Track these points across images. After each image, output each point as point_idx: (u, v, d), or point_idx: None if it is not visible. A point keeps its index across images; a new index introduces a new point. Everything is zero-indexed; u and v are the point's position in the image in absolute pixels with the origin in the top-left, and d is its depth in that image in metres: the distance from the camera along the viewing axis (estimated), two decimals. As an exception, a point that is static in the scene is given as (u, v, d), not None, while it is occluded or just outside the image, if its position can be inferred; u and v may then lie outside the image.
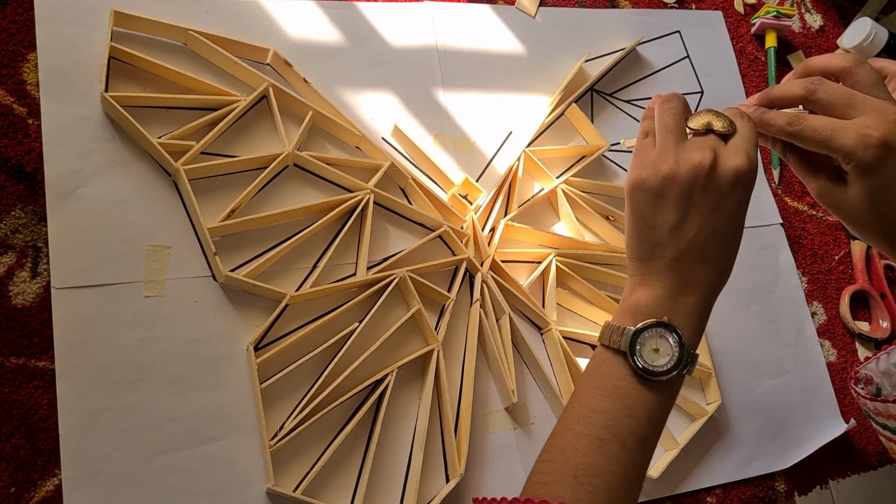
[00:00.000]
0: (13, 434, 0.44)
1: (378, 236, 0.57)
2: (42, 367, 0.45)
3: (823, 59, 0.46)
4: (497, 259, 0.59)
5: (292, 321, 0.52)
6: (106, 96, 0.50)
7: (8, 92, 0.49)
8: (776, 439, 0.64)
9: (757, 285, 0.69)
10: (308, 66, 0.58)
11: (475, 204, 0.61)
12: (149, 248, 0.50)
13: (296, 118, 0.57)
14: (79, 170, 0.49)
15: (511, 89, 0.66)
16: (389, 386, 0.52)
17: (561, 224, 0.64)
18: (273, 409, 0.49)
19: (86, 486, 0.44)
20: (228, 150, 0.54)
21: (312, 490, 0.48)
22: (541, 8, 0.70)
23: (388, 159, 0.58)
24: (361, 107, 0.60)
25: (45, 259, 0.47)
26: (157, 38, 0.55)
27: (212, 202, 0.52)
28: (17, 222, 0.47)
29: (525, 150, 0.63)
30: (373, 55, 0.62)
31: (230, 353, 0.50)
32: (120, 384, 0.47)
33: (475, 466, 0.54)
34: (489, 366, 0.57)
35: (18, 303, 0.46)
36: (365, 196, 0.56)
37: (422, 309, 0.54)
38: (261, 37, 0.58)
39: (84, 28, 0.52)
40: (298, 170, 0.56)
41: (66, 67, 0.51)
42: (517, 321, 0.58)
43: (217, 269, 0.50)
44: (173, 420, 0.47)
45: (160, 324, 0.49)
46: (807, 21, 0.84)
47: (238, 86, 0.56)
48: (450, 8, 0.66)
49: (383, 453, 0.52)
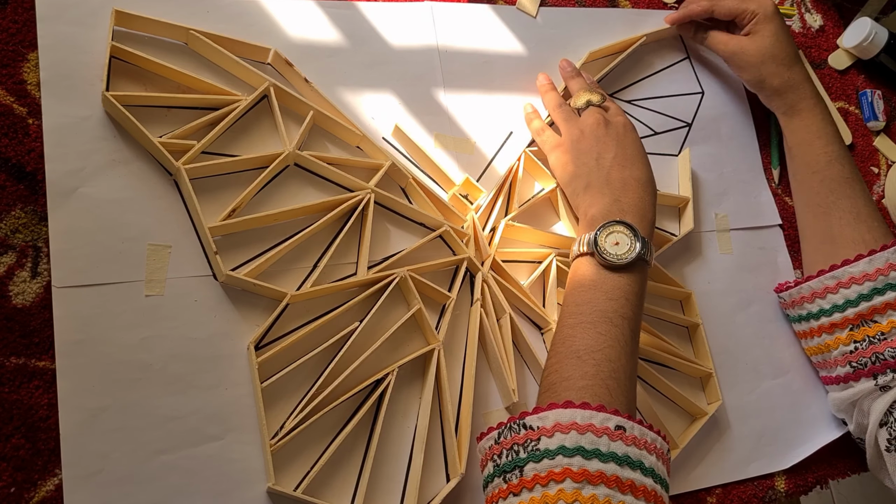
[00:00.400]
0: (13, 434, 0.44)
1: (379, 236, 0.57)
2: (42, 366, 0.45)
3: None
4: (497, 259, 0.59)
5: (293, 320, 0.52)
6: (107, 95, 0.50)
7: (8, 92, 0.49)
8: (776, 439, 0.64)
9: (757, 285, 0.69)
10: (309, 66, 0.58)
11: (476, 204, 0.61)
12: (149, 247, 0.50)
13: (297, 118, 0.57)
14: (80, 169, 0.49)
15: (512, 89, 0.66)
16: (390, 385, 0.52)
17: (561, 224, 0.64)
18: (273, 408, 0.49)
19: (86, 484, 0.44)
20: (229, 149, 0.54)
21: (313, 489, 0.48)
22: (541, 8, 0.70)
23: (389, 159, 0.58)
24: (362, 107, 0.60)
25: (45, 259, 0.47)
26: (159, 38, 0.55)
27: (213, 201, 0.52)
28: (17, 222, 0.47)
29: (526, 150, 0.63)
30: (373, 55, 0.62)
31: (231, 352, 0.50)
32: (120, 383, 0.47)
33: (475, 466, 0.53)
34: (490, 365, 0.57)
35: (18, 303, 0.46)
36: (366, 196, 0.56)
37: (422, 308, 0.54)
38: (262, 36, 0.58)
39: (85, 27, 0.52)
40: (299, 169, 0.56)
41: (67, 67, 0.51)
42: (518, 321, 0.58)
43: (218, 268, 0.50)
44: (174, 419, 0.47)
45: (161, 323, 0.49)
46: (807, 21, 0.84)
47: (239, 85, 0.56)
48: (451, 8, 0.66)
49: (384, 452, 0.52)
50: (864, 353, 0.59)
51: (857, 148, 0.81)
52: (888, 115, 0.83)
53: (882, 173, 0.81)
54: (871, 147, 0.81)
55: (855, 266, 0.60)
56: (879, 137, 0.82)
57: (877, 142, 0.82)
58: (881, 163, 0.81)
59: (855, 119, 0.82)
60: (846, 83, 0.83)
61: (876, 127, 0.82)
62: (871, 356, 0.59)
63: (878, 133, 0.82)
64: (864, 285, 0.59)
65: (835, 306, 0.61)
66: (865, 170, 0.80)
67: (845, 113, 0.82)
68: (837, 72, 0.83)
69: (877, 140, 0.82)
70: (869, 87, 0.83)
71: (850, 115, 0.82)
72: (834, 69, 0.83)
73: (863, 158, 0.80)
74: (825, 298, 0.62)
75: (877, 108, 0.82)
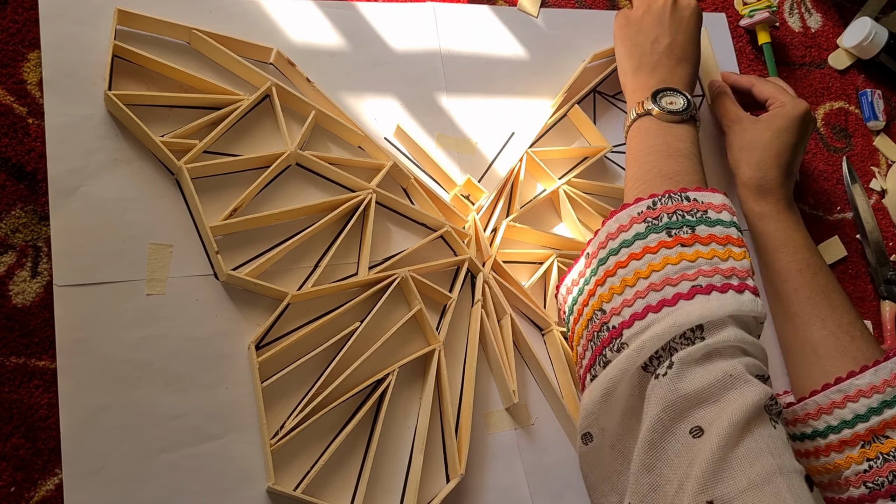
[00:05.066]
0: (13, 434, 0.44)
1: (380, 236, 0.57)
2: (42, 366, 0.45)
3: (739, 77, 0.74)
4: (499, 259, 0.59)
5: (294, 320, 0.52)
6: (109, 95, 0.50)
7: (8, 92, 0.49)
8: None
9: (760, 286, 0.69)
10: (311, 67, 0.58)
11: (477, 204, 0.61)
12: (151, 246, 0.50)
13: (298, 118, 0.57)
14: (81, 168, 0.49)
15: (513, 91, 0.66)
16: (390, 385, 0.52)
17: (563, 225, 0.64)
18: (274, 407, 0.49)
19: (86, 483, 0.44)
20: (231, 149, 0.54)
21: (313, 489, 0.48)
22: (542, 9, 0.70)
23: (391, 159, 0.58)
24: (364, 107, 0.60)
25: (45, 258, 0.47)
26: (161, 37, 0.55)
27: (214, 201, 0.52)
28: (17, 222, 0.47)
29: (527, 151, 0.63)
30: (375, 56, 0.62)
31: (231, 351, 0.50)
32: (121, 382, 0.47)
33: (475, 466, 0.54)
34: (490, 366, 0.57)
35: (18, 302, 0.46)
36: (367, 196, 0.56)
37: (423, 309, 0.54)
38: (264, 37, 0.58)
39: (88, 27, 0.52)
40: (301, 169, 0.56)
41: (70, 65, 0.51)
42: (518, 322, 0.58)
43: (219, 267, 0.50)
44: (174, 418, 0.47)
45: (161, 322, 0.49)
46: (806, 21, 0.84)
47: (241, 85, 0.56)
48: (453, 9, 0.66)
49: (384, 453, 0.52)
50: (879, 471, 0.55)
51: (857, 148, 0.81)
52: (888, 115, 0.83)
53: (882, 173, 0.81)
54: (871, 147, 0.81)
55: (861, 378, 0.56)
56: (879, 137, 0.82)
57: (877, 142, 0.82)
58: (881, 163, 0.81)
59: (855, 119, 0.82)
60: (846, 83, 0.83)
61: (876, 127, 0.82)
62: (889, 475, 0.54)
63: (878, 133, 0.82)
64: (873, 398, 0.55)
65: (843, 422, 0.56)
66: (865, 170, 0.80)
67: (845, 113, 0.82)
68: (837, 72, 0.83)
69: (877, 140, 0.82)
70: (869, 86, 0.84)
71: (850, 115, 0.82)
72: (834, 69, 0.83)
73: (863, 158, 0.81)
74: (832, 414, 0.56)
75: (877, 108, 0.82)
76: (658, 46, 0.62)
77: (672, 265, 0.47)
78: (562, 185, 0.63)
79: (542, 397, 0.58)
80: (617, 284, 0.48)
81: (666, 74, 0.61)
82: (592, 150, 0.66)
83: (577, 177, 0.64)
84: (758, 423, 0.41)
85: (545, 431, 0.56)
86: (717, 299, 0.45)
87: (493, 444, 0.55)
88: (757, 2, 0.77)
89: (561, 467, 0.56)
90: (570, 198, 0.63)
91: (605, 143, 0.66)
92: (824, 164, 0.78)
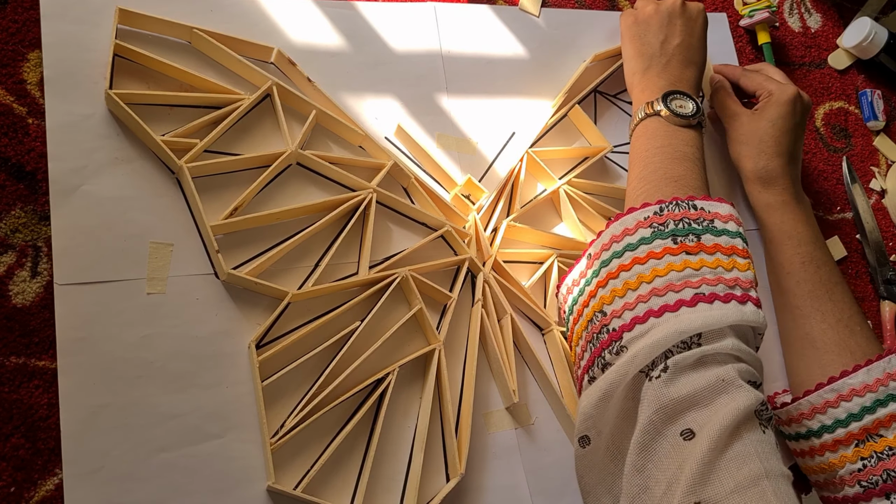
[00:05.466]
0: (13, 434, 0.44)
1: (380, 235, 0.57)
2: (42, 366, 0.45)
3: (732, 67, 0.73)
4: (499, 259, 0.59)
5: (294, 319, 0.52)
6: (110, 94, 0.50)
7: (8, 91, 0.49)
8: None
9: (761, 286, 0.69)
10: (312, 66, 0.58)
11: (477, 204, 0.61)
12: (151, 245, 0.50)
13: (299, 117, 0.57)
14: (82, 167, 0.49)
15: (514, 90, 0.66)
16: (390, 385, 0.52)
17: (563, 225, 0.64)
18: (274, 407, 0.49)
19: (86, 482, 0.44)
20: (232, 148, 0.54)
21: (313, 488, 0.48)
22: (543, 9, 0.70)
23: (391, 159, 0.58)
24: (365, 107, 0.60)
25: (45, 258, 0.47)
26: (162, 37, 0.55)
27: (215, 200, 0.52)
28: (17, 222, 0.47)
29: (528, 150, 0.63)
30: (376, 55, 0.62)
31: (232, 350, 0.50)
32: (121, 381, 0.46)
33: (476, 466, 0.54)
34: (490, 366, 0.57)
35: (18, 302, 0.46)
36: (367, 195, 0.56)
37: (423, 308, 0.54)
38: (265, 36, 0.58)
39: (89, 26, 0.52)
40: (301, 168, 0.56)
41: (71, 65, 0.51)
42: (519, 321, 0.58)
43: (219, 266, 0.50)
44: (174, 417, 0.47)
45: (162, 321, 0.49)
46: (806, 21, 0.84)
47: (242, 84, 0.56)
48: (453, 9, 0.66)
49: (384, 452, 0.52)
50: (874, 470, 0.55)
51: (857, 148, 0.81)
52: (888, 115, 0.83)
53: (882, 173, 0.81)
54: (871, 147, 0.81)
55: (854, 377, 0.56)
56: (879, 137, 0.82)
57: (877, 142, 0.82)
58: (881, 163, 0.82)
59: (855, 119, 0.82)
60: (846, 83, 0.83)
61: (876, 127, 0.82)
62: (883, 473, 0.54)
63: (878, 133, 0.83)
64: (867, 397, 0.56)
65: (837, 421, 0.57)
66: (865, 170, 0.80)
67: (845, 113, 0.82)
68: (837, 72, 0.83)
69: (877, 140, 0.82)
70: (869, 86, 0.84)
71: (849, 115, 0.82)
72: (834, 69, 0.83)
73: (862, 158, 0.81)
74: (826, 413, 0.57)
75: (877, 108, 0.82)
76: (668, 46, 0.62)
77: (676, 272, 0.47)
78: (562, 185, 0.63)
79: (542, 397, 0.58)
80: (619, 287, 0.48)
81: (675, 76, 0.61)
82: (593, 151, 0.66)
83: (578, 177, 0.64)
84: (748, 427, 0.41)
85: (545, 431, 0.56)
86: (720, 309, 0.45)
87: (493, 444, 0.55)
88: (757, 2, 0.77)
89: (561, 467, 0.56)
90: (570, 198, 0.63)
91: (605, 143, 0.66)
92: (824, 164, 0.79)
